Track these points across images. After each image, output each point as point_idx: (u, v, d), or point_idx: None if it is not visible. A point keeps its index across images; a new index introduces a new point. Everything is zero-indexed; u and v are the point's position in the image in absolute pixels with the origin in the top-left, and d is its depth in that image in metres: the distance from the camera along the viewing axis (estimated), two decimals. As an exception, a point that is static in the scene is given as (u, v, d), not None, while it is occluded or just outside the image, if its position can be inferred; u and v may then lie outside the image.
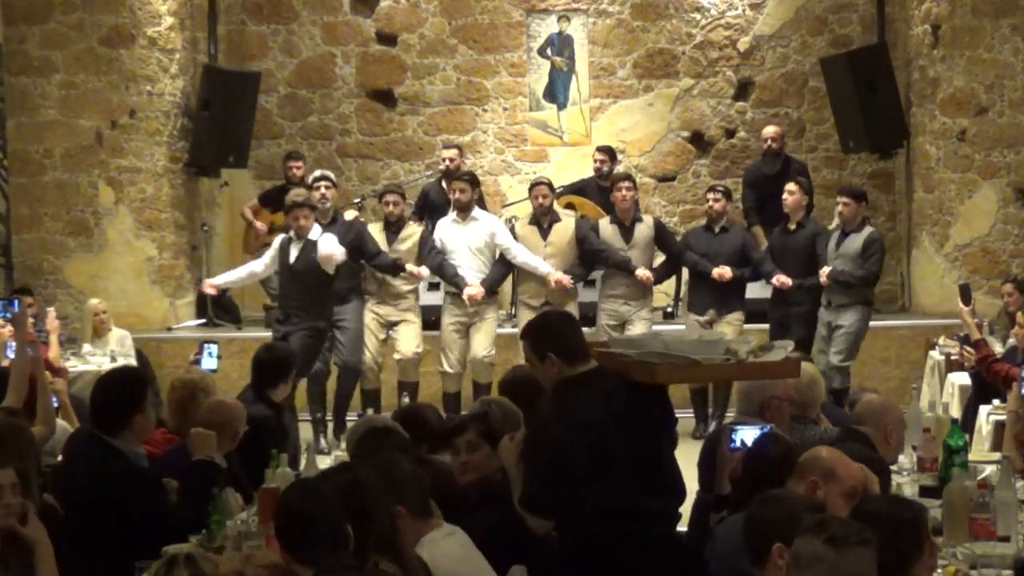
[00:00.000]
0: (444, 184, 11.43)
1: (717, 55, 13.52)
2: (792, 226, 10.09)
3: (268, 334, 10.73)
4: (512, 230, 10.40)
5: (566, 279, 10.02)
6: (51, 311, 9.47)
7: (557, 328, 4.64)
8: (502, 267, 10.25)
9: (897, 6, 12.83)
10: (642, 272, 10.11)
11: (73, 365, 9.70)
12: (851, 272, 9.59)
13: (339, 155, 13.75)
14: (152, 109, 12.27)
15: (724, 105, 13.57)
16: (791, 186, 10.11)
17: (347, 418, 9.95)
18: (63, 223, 12.20)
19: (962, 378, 8.90)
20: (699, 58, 13.53)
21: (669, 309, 11.96)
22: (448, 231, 10.24)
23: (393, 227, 10.24)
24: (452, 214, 10.32)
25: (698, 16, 13.51)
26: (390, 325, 10.24)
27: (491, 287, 10.16)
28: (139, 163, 12.24)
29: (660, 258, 10.57)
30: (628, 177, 10.56)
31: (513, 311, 11.22)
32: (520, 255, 10.11)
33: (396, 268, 10.01)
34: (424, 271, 10.10)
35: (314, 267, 9.37)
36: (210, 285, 10.24)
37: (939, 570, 4.32)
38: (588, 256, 10.27)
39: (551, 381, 4.59)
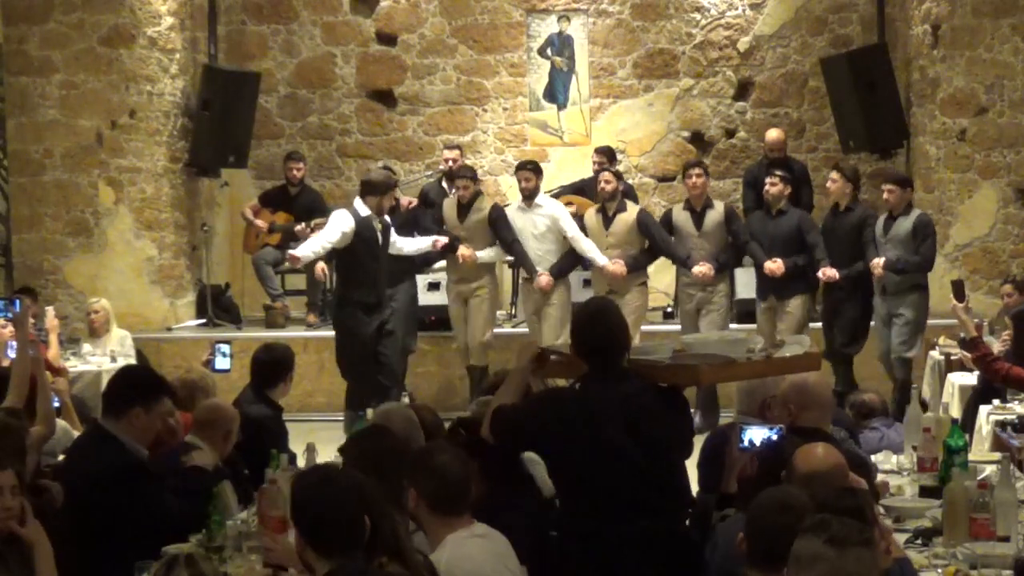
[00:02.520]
0: (445, 184, 11.47)
1: (717, 55, 13.52)
2: (841, 209, 10.05)
3: (268, 334, 10.74)
4: (580, 218, 10.53)
5: (619, 269, 10.09)
6: (50, 310, 9.47)
7: (594, 327, 4.69)
8: (570, 256, 10.41)
9: (897, 6, 12.83)
10: (699, 269, 10.13)
11: (73, 365, 9.70)
12: (907, 259, 9.59)
13: (339, 155, 13.75)
14: (152, 109, 12.27)
15: (724, 105, 13.57)
16: (834, 174, 10.09)
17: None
18: (63, 223, 12.20)
19: (962, 378, 8.88)
20: (699, 58, 13.52)
21: (669, 309, 11.96)
22: (514, 216, 10.48)
23: (465, 206, 10.54)
24: (517, 201, 10.59)
25: (698, 16, 13.51)
26: (467, 303, 10.56)
27: (558, 273, 10.34)
28: (139, 163, 12.25)
29: None
30: (699, 163, 10.57)
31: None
32: (581, 243, 10.26)
33: (451, 247, 10.35)
34: (480, 254, 10.32)
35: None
36: (294, 256, 9.83)
37: (939, 570, 4.34)
38: (653, 246, 10.37)
39: (580, 369, 4.73)
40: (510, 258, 10.86)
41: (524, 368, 4.89)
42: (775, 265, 9.95)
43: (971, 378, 8.59)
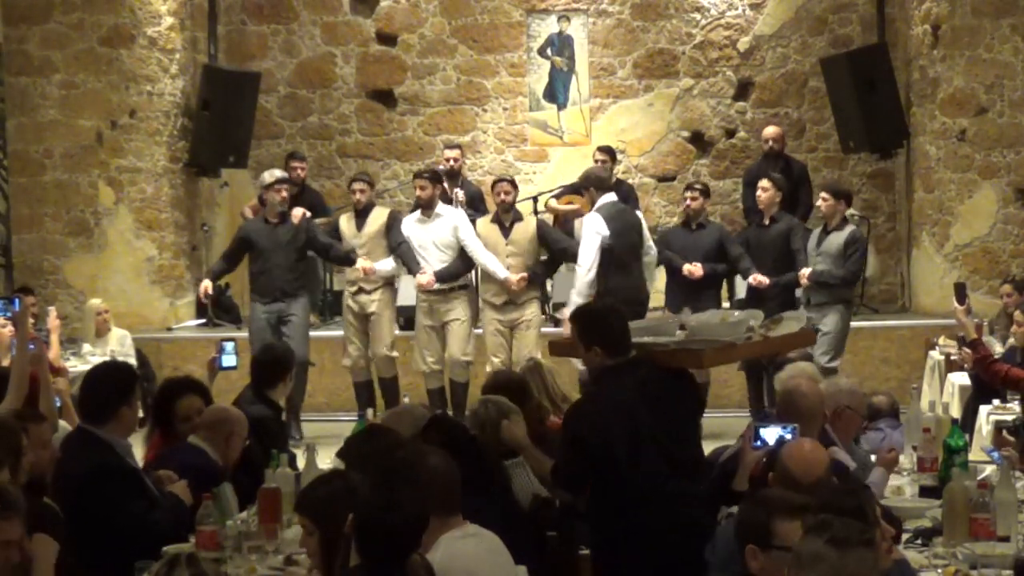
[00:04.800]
0: (446, 184, 11.45)
1: (717, 55, 13.52)
2: (766, 221, 10.06)
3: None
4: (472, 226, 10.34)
5: (517, 283, 9.87)
6: (52, 310, 9.44)
7: (608, 323, 4.97)
8: (462, 262, 10.11)
9: (897, 6, 12.83)
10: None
11: (73, 365, 9.69)
12: (831, 273, 9.54)
13: (339, 155, 13.76)
14: (152, 109, 12.28)
15: (724, 105, 13.57)
16: (764, 183, 10.04)
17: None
18: (63, 223, 12.20)
19: (962, 378, 8.88)
20: (699, 58, 13.53)
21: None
22: (413, 229, 10.15)
23: (361, 213, 10.34)
24: (416, 212, 10.29)
25: (698, 16, 13.52)
26: (366, 317, 10.32)
27: (445, 278, 10.02)
28: (139, 163, 12.25)
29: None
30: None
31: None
32: (480, 255, 9.98)
33: (349, 261, 10.16)
34: (379, 266, 10.11)
35: None
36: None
37: (939, 570, 4.33)
38: (554, 254, 10.19)
39: (593, 368, 4.99)
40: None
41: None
42: (694, 267, 9.90)
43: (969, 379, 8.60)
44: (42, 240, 12.20)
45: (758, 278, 9.77)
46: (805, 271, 9.59)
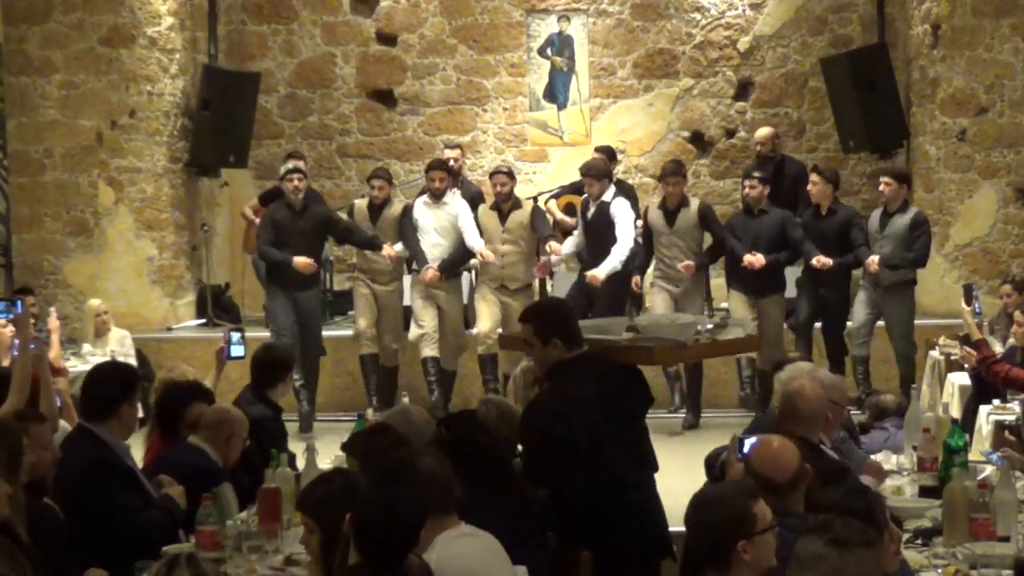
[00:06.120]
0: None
1: (717, 55, 13.52)
2: (824, 211, 10.10)
3: (268, 334, 10.72)
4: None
5: (488, 255, 10.25)
6: (52, 311, 9.46)
7: (563, 315, 5.14)
8: (461, 251, 10.50)
9: (897, 6, 12.83)
10: (682, 265, 10.21)
11: (73, 365, 9.70)
12: (903, 256, 9.76)
13: (339, 155, 13.76)
14: (152, 109, 12.27)
15: (724, 105, 13.57)
16: (814, 177, 10.20)
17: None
18: (63, 223, 12.19)
19: (962, 378, 8.87)
20: (699, 58, 13.53)
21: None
22: (420, 211, 10.55)
23: (377, 208, 10.60)
24: (424, 196, 10.65)
25: (698, 16, 13.51)
26: (377, 300, 10.65)
27: (447, 268, 10.43)
28: (139, 163, 12.24)
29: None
30: (678, 172, 10.56)
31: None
32: (468, 236, 10.39)
33: (373, 245, 10.40)
34: (398, 248, 10.43)
35: None
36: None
37: (939, 570, 4.34)
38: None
39: (550, 363, 5.05)
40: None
41: None
42: (755, 258, 9.92)
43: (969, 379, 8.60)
44: (42, 240, 12.20)
45: (822, 259, 9.83)
46: (874, 257, 9.74)
